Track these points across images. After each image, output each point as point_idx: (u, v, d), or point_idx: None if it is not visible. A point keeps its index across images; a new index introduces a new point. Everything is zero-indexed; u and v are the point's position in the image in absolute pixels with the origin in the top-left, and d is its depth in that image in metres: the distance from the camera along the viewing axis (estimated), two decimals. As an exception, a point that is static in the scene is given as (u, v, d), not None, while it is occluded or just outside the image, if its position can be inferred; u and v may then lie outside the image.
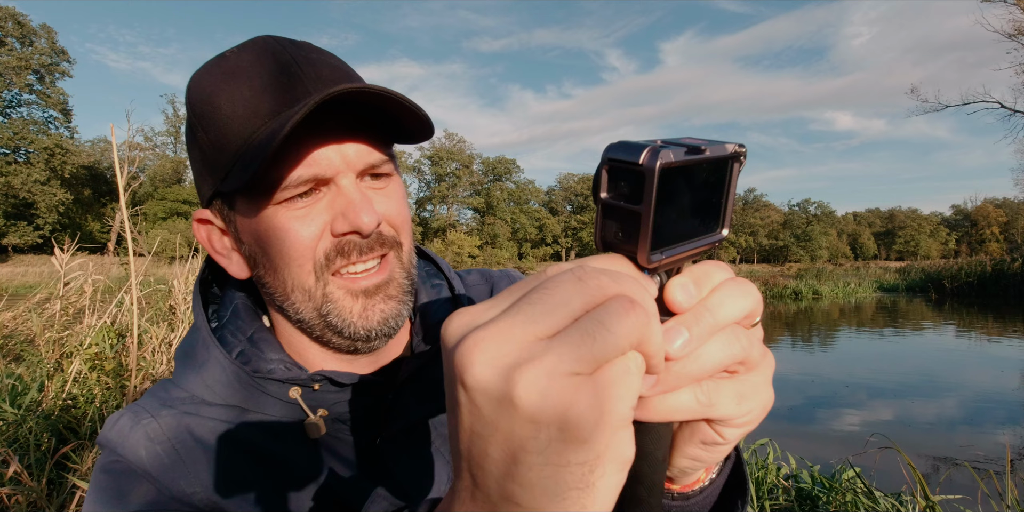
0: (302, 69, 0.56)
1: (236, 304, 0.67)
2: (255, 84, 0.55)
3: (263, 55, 0.57)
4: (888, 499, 2.64)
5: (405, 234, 0.64)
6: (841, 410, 6.14)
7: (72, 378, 3.03)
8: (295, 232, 0.57)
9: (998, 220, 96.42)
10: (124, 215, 1.91)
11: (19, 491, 2.12)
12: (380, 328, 0.60)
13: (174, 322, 3.64)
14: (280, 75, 0.55)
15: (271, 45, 0.57)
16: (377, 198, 0.60)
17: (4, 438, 2.56)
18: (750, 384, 0.33)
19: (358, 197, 0.56)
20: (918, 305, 19.92)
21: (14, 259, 39.62)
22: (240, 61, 0.57)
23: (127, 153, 50.71)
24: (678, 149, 0.29)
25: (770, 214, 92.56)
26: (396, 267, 0.63)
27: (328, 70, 0.58)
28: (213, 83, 0.57)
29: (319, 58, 0.59)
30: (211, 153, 0.58)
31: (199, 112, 0.58)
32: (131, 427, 0.59)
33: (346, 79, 0.59)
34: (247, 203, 0.58)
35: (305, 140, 0.54)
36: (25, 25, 40.66)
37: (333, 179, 0.57)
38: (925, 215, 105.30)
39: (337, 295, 0.59)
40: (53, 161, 42.11)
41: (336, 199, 0.57)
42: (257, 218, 0.58)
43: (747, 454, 3.35)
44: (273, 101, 0.54)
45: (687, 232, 0.32)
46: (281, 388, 0.61)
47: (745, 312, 0.32)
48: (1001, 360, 8.96)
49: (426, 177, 72.92)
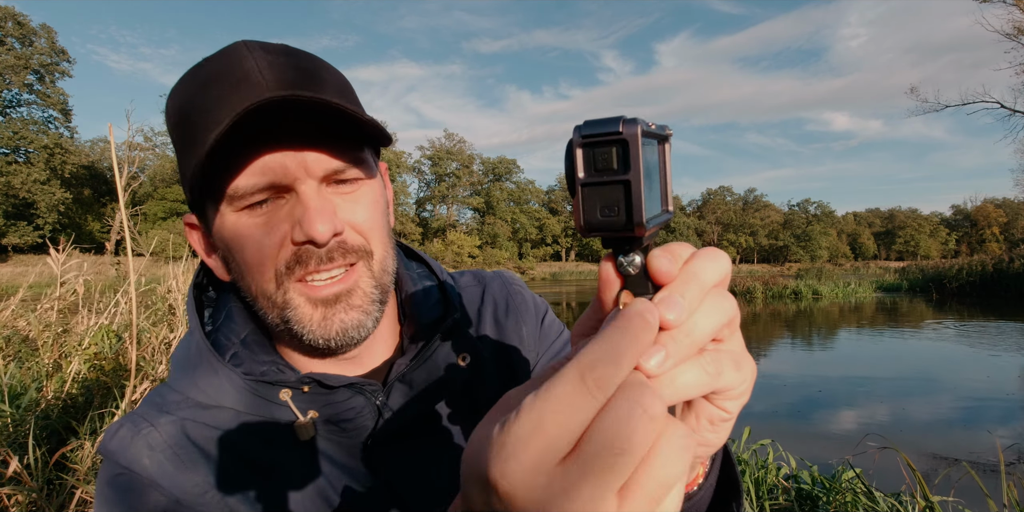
0: (263, 75, 0.54)
1: (230, 307, 0.68)
2: (217, 93, 0.54)
3: (231, 62, 0.55)
4: (888, 499, 2.64)
5: (377, 241, 0.62)
6: (841, 410, 6.14)
7: (71, 378, 3.03)
8: (255, 240, 0.57)
9: (998, 220, 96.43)
10: (124, 215, 1.91)
11: (19, 491, 2.12)
12: (339, 338, 0.59)
13: (173, 322, 3.63)
14: (241, 84, 0.54)
15: (240, 52, 0.56)
16: (343, 205, 0.59)
17: (4, 438, 2.56)
18: (739, 348, 0.34)
19: (316, 205, 0.55)
20: (918, 305, 19.92)
21: (14, 259, 39.60)
22: (211, 69, 0.56)
23: (127, 153, 50.69)
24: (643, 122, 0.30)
25: (770, 214, 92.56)
26: (364, 277, 0.61)
27: (294, 75, 0.56)
28: (184, 91, 0.58)
29: (287, 62, 0.57)
30: (181, 160, 0.59)
31: (174, 120, 0.59)
32: (132, 437, 0.60)
33: (309, 82, 0.56)
34: (213, 210, 0.58)
35: (261, 148, 0.53)
36: (25, 25, 40.63)
37: (293, 186, 0.55)
38: (925, 215, 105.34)
39: (297, 302, 0.59)
40: (53, 161, 42.09)
41: (295, 207, 0.56)
42: (223, 225, 0.58)
43: (747, 454, 3.35)
44: (230, 110, 0.53)
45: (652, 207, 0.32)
46: (272, 390, 0.61)
47: (722, 274, 0.33)
48: (1001, 360, 8.96)
49: (426, 177, 72.93)
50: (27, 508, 2.16)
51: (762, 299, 23.30)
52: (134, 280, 2.10)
